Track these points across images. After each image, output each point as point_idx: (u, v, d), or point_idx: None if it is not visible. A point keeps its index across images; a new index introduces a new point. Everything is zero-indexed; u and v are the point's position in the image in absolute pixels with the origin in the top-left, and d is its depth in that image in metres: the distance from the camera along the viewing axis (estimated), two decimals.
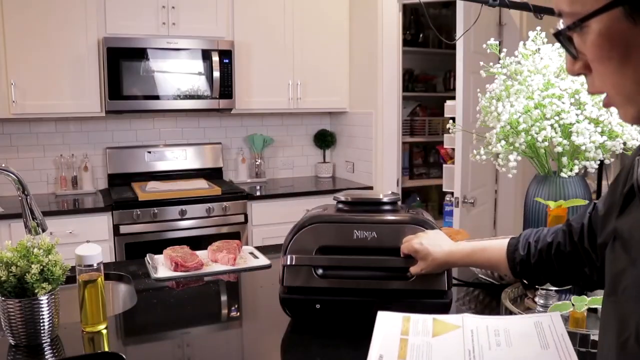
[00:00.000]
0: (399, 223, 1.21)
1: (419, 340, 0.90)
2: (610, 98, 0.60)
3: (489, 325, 0.93)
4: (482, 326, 0.92)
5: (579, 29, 0.57)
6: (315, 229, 1.22)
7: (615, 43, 0.55)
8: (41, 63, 2.98)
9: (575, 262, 0.95)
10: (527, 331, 0.89)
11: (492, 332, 0.90)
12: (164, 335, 1.26)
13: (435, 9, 4.44)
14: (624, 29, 0.53)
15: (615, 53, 0.55)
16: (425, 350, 0.88)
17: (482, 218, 3.13)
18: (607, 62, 0.56)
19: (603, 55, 0.56)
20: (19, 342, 1.15)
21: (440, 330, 0.93)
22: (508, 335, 0.89)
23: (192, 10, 3.27)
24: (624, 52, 0.55)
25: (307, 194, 3.46)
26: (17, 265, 1.12)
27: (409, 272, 1.19)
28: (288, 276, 1.22)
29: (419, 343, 0.90)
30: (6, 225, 2.77)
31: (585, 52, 0.58)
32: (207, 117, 3.74)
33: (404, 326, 0.94)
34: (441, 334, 0.91)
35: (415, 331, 0.93)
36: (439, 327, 0.93)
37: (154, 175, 3.52)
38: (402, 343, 0.90)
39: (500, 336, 0.89)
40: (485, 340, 0.89)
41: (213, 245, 1.79)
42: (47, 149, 3.36)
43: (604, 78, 0.58)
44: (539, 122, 1.31)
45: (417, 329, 0.93)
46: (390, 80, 3.45)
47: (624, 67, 0.55)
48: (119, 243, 2.97)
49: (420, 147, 4.52)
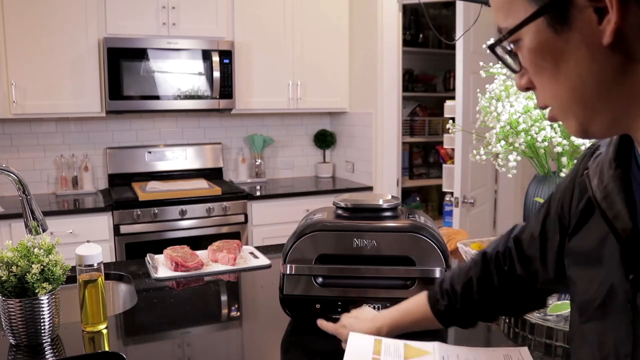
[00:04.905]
0: (398, 231, 1.21)
1: None
2: (553, 111, 0.61)
3: (459, 354, 0.93)
4: (452, 354, 0.93)
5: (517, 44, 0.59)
6: (314, 237, 1.21)
7: (544, 53, 0.56)
8: (41, 63, 2.98)
9: (509, 292, 0.92)
10: None
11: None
12: (164, 335, 1.26)
13: (435, 9, 4.44)
14: (549, 39, 0.55)
15: (547, 64, 0.57)
16: None
17: (482, 218, 3.13)
18: (541, 73, 0.58)
19: (537, 67, 0.58)
20: (20, 341, 1.15)
21: (411, 354, 0.93)
22: None
23: (192, 10, 3.27)
24: (554, 63, 0.56)
25: (307, 194, 3.46)
26: (17, 265, 1.12)
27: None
28: (288, 285, 1.23)
29: None
30: (7, 225, 2.77)
31: (526, 66, 0.60)
32: (207, 117, 3.75)
33: (376, 347, 0.95)
34: (412, 358, 0.92)
35: (387, 352, 0.93)
36: (410, 352, 0.94)
37: (154, 175, 3.52)
38: None
39: None
40: None
41: (213, 245, 1.80)
42: (47, 149, 3.36)
43: (544, 90, 0.60)
44: (539, 122, 1.31)
45: (389, 351, 0.94)
46: (390, 80, 3.46)
47: (557, 77, 0.57)
48: (119, 243, 2.97)
49: (420, 147, 4.52)
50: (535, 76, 0.59)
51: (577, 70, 0.55)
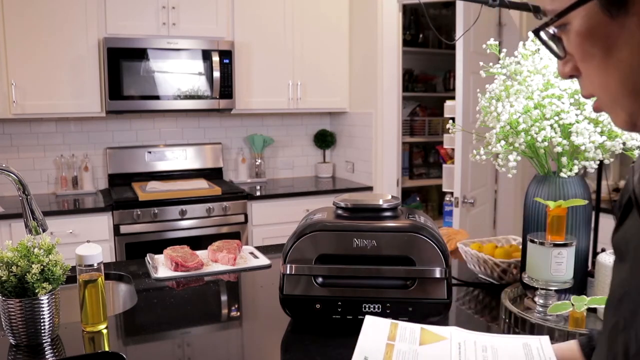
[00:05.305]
0: (398, 231, 1.21)
1: (406, 347, 0.89)
2: (599, 101, 0.58)
3: (477, 340, 0.91)
4: (470, 340, 0.91)
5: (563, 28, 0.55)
6: (314, 237, 1.21)
7: (595, 39, 0.52)
8: (41, 63, 2.98)
9: None
10: (514, 352, 0.87)
11: (480, 347, 0.89)
12: (164, 335, 1.26)
13: (435, 9, 4.44)
14: (602, 24, 0.51)
15: (596, 50, 0.53)
16: (411, 358, 0.87)
17: (481, 218, 3.13)
18: (590, 60, 0.54)
19: (585, 53, 0.54)
20: (20, 341, 1.15)
21: (427, 339, 0.91)
22: (495, 353, 0.87)
23: (192, 10, 3.27)
24: (605, 50, 0.52)
25: (307, 194, 3.46)
26: (17, 265, 1.12)
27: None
28: (288, 285, 1.23)
29: (405, 350, 0.89)
30: (7, 225, 2.77)
31: (572, 52, 0.56)
32: (207, 117, 3.75)
33: (392, 332, 0.93)
34: (428, 344, 0.90)
35: (402, 338, 0.92)
36: (427, 336, 0.92)
37: (154, 175, 3.52)
38: (387, 348, 0.89)
39: (487, 352, 0.87)
40: (472, 355, 0.87)
41: (213, 245, 1.80)
42: (47, 149, 3.36)
43: (591, 79, 0.56)
44: (539, 122, 1.31)
45: (404, 336, 0.92)
46: (390, 80, 3.46)
47: (607, 66, 0.53)
48: (119, 243, 2.98)
49: (420, 147, 4.53)
50: (582, 63, 0.55)
51: (630, 59, 0.51)
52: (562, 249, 1.22)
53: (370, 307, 1.20)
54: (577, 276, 1.28)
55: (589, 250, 1.40)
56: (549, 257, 1.22)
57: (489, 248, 1.60)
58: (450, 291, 1.21)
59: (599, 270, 1.31)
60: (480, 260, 1.54)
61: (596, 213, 1.54)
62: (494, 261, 1.50)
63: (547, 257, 1.22)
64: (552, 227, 1.23)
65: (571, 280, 1.24)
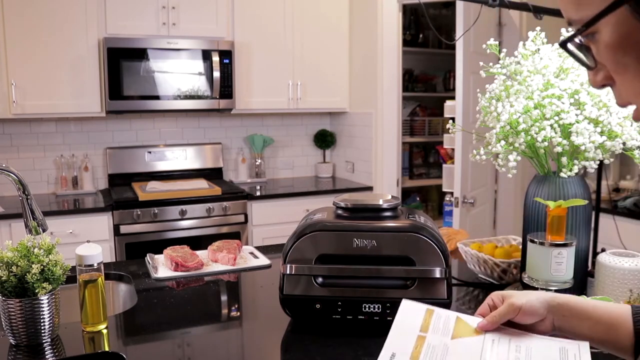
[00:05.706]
0: (398, 231, 1.21)
1: (437, 341, 0.86)
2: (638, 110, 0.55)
3: (511, 338, 0.86)
4: (504, 338, 0.86)
5: (591, 36, 0.52)
6: (314, 237, 1.21)
7: (628, 48, 0.49)
8: (41, 63, 2.98)
9: None
10: (550, 355, 0.82)
11: (514, 346, 0.84)
12: (164, 335, 1.26)
13: (435, 9, 4.44)
14: (634, 31, 0.48)
15: (630, 58, 0.50)
16: (440, 353, 0.84)
17: (482, 218, 3.13)
18: (623, 69, 0.51)
19: (618, 62, 0.51)
20: (20, 341, 1.15)
21: (460, 332, 0.88)
22: (529, 354, 0.82)
23: (192, 10, 3.27)
24: (639, 57, 0.50)
25: (307, 194, 3.46)
26: (17, 265, 1.12)
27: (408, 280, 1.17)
28: (288, 285, 1.23)
29: (436, 344, 0.86)
30: (6, 225, 2.77)
31: (603, 62, 0.53)
32: (207, 117, 3.75)
33: (426, 321, 0.89)
34: (460, 337, 0.87)
35: (435, 328, 0.88)
36: (461, 328, 0.88)
37: (154, 175, 3.52)
38: (418, 341, 0.86)
39: (521, 353, 0.82)
40: (504, 354, 0.83)
41: (213, 245, 1.80)
42: (47, 149, 3.36)
43: (627, 88, 0.53)
44: (539, 122, 1.31)
45: (437, 326, 0.89)
46: (390, 80, 3.46)
47: None
48: (119, 243, 2.98)
49: (420, 147, 4.53)
50: (616, 73, 0.52)
51: None
52: (562, 249, 1.22)
53: (370, 307, 1.20)
54: (577, 276, 1.28)
55: (589, 250, 1.40)
56: (549, 257, 1.22)
57: (489, 248, 1.60)
58: (450, 291, 1.21)
59: (599, 270, 1.31)
60: (480, 260, 1.54)
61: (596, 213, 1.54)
62: (494, 261, 1.50)
63: (547, 257, 1.22)
64: (552, 227, 1.23)
65: (571, 280, 1.24)
